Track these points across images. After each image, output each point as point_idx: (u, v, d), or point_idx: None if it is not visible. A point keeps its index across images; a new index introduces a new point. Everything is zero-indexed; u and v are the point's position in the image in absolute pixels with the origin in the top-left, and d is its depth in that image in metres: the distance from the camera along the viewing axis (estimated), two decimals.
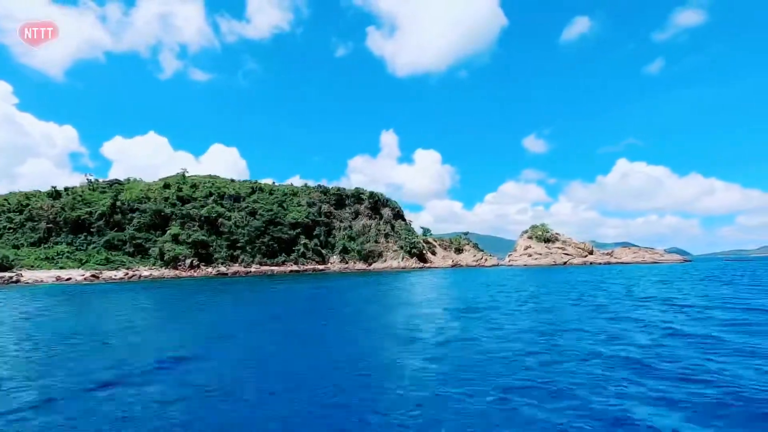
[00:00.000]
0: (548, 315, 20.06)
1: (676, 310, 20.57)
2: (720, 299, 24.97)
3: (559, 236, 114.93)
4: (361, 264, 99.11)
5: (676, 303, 23.47)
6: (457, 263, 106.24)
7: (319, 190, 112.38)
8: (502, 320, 18.52)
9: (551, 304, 24.61)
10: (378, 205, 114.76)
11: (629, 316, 19.15)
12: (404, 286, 43.45)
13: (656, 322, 17.16)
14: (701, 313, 19.24)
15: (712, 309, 20.63)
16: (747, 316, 17.85)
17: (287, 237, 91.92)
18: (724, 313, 19.37)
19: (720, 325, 16.03)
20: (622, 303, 24.28)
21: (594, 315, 19.68)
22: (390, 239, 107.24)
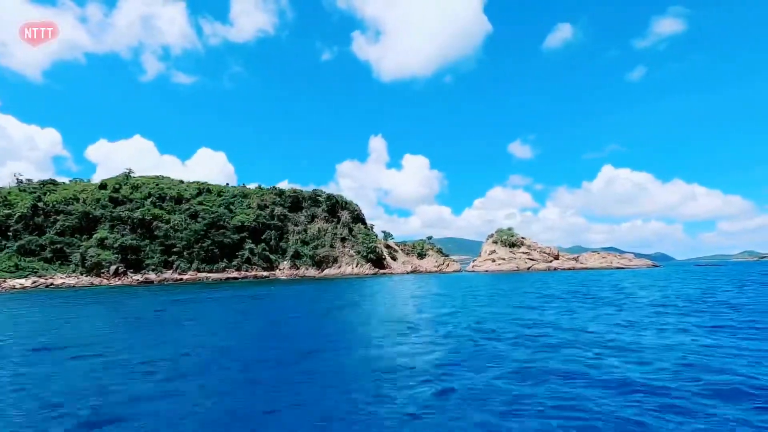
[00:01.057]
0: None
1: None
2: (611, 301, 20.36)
3: (525, 241, 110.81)
4: (314, 270, 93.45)
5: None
6: (416, 269, 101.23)
7: (273, 192, 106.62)
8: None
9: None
10: (336, 208, 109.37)
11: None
12: (324, 296, 38.10)
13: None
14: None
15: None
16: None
17: (230, 241, 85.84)
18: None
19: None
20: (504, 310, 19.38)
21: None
22: (347, 244, 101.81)
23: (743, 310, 22.29)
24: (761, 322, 18.03)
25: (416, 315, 23.07)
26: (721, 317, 19.83)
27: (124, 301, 37.11)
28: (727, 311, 22.01)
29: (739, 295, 30.59)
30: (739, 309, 22.53)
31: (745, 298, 28.96)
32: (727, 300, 27.45)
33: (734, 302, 25.95)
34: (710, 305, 24.90)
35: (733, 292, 33.53)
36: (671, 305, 25.20)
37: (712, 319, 19.42)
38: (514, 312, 23.34)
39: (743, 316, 19.99)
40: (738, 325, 17.15)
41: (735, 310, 22.30)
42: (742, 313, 21.09)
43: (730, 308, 23.02)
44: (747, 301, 26.84)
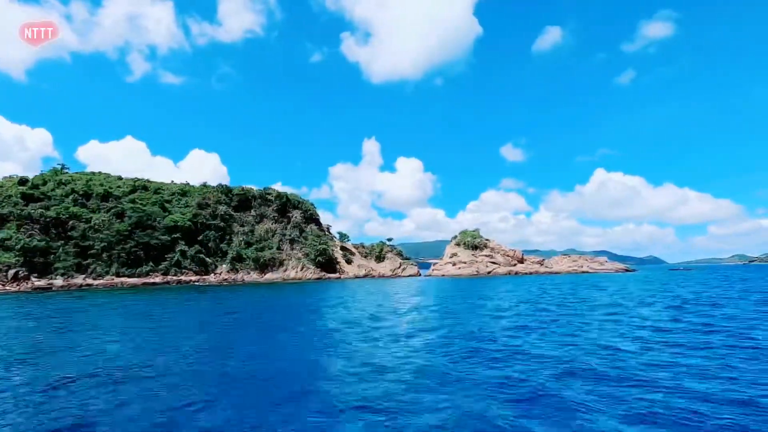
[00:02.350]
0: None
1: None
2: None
3: (489, 243, 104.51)
4: (255, 274, 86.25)
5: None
6: (369, 273, 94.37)
7: (219, 190, 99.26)
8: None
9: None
10: (287, 208, 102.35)
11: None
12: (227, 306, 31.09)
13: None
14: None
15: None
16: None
17: (158, 243, 78.32)
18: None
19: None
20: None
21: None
22: (295, 246, 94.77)
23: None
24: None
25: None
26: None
27: None
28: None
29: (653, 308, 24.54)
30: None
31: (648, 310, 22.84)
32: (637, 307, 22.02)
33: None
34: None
35: (652, 306, 27.43)
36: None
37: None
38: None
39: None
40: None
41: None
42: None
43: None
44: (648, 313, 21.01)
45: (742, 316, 22.85)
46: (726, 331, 18.28)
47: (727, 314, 23.69)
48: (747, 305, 28.07)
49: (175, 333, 20.66)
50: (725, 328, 18.92)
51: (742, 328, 18.69)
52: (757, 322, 20.60)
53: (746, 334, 17.46)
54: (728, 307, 27.08)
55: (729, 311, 25.06)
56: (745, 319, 21.42)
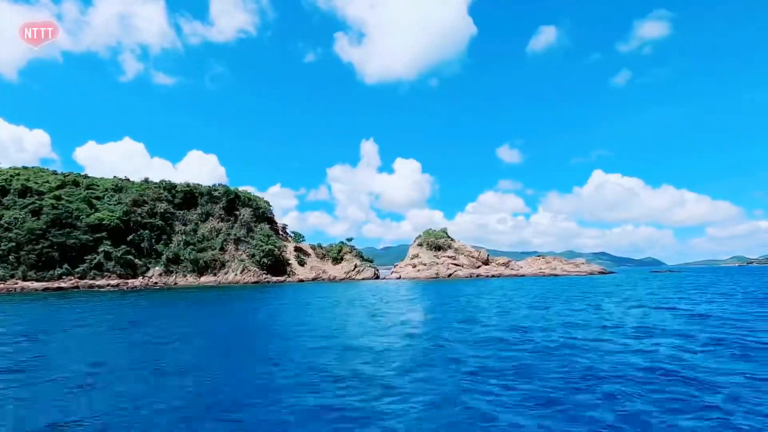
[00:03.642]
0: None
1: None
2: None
3: (453, 243, 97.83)
4: (192, 277, 79.05)
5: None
6: (318, 276, 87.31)
7: (161, 186, 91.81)
8: None
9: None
10: (236, 205, 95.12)
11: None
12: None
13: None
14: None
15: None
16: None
17: (77, 243, 70.86)
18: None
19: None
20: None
21: None
22: (241, 246, 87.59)
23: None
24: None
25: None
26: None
27: None
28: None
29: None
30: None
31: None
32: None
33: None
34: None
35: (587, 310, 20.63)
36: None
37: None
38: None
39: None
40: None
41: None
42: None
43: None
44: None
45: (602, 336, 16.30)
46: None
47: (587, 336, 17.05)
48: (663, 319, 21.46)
49: None
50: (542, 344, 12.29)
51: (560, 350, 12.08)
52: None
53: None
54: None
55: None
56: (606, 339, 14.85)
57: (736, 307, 28.06)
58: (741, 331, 18.70)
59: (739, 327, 19.74)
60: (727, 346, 15.60)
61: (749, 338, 16.85)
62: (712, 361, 13.46)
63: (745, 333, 18.05)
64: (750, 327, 19.69)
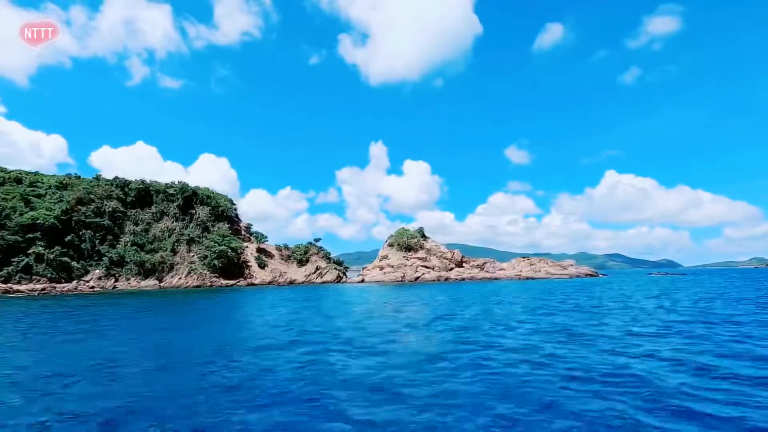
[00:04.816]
0: None
1: None
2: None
3: (425, 244, 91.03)
4: (137, 281, 73.56)
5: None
6: (275, 279, 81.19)
7: (113, 184, 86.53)
8: None
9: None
10: (193, 204, 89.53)
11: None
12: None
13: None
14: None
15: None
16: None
17: (3, 244, 65.65)
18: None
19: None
20: None
21: None
22: (194, 247, 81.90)
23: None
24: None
25: None
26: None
27: None
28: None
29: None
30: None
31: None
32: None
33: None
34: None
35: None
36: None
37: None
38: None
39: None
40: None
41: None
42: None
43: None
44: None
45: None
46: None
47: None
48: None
49: None
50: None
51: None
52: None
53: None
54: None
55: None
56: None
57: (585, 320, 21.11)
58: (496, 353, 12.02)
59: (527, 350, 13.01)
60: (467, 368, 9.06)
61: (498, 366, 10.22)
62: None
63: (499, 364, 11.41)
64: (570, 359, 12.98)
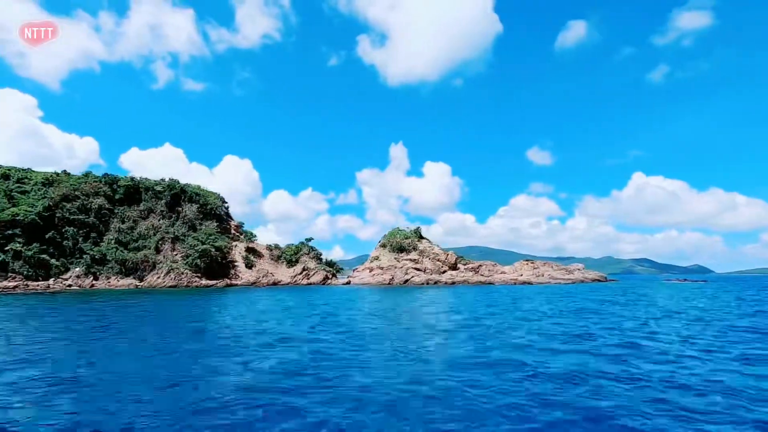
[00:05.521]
0: None
1: None
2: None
3: (419, 245, 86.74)
4: (117, 279, 72.02)
5: None
6: (258, 281, 78.42)
7: (102, 180, 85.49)
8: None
9: None
10: (181, 201, 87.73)
11: None
12: None
13: None
14: None
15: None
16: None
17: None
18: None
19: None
20: None
21: None
22: (179, 246, 79.99)
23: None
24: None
25: None
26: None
27: None
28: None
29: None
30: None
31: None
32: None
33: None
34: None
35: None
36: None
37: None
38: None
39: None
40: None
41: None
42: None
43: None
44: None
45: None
46: None
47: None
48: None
49: None
50: None
51: None
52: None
53: None
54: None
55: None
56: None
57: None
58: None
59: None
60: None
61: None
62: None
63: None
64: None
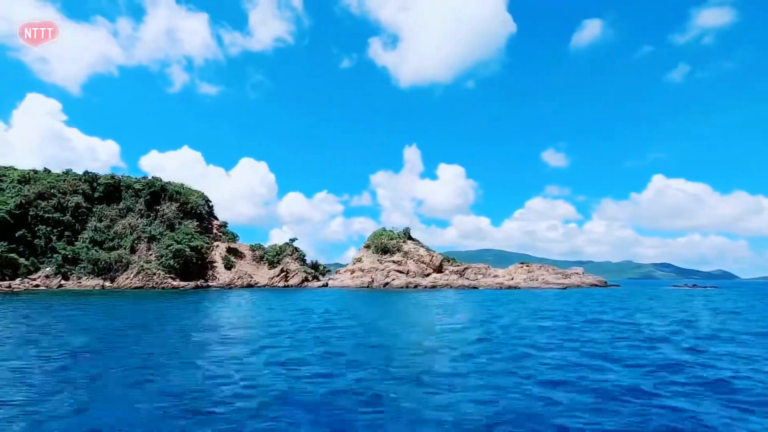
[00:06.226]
0: None
1: None
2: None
3: (404, 246, 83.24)
4: (89, 280, 70.20)
5: None
6: (232, 282, 75.86)
7: (81, 178, 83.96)
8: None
9: None
10: (161, 199, 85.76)
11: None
12: None
13: None
14: None
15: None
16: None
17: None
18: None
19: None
20: None
21: None
22: (154, 245, 77.94)
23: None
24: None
25: None
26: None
27: None
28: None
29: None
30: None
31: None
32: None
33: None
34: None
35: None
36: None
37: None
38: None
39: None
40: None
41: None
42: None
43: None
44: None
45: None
46: None
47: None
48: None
49: None
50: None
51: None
52: None
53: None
54: None
55: None
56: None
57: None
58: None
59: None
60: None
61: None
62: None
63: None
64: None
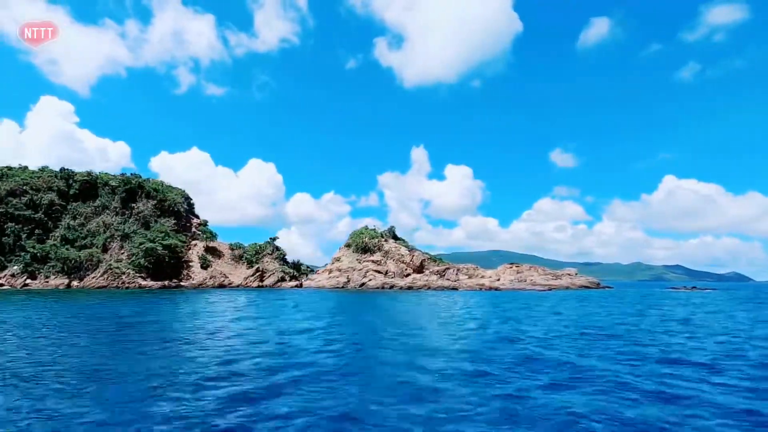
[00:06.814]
0: None
1: None
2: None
3: (385, 245, 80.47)
4: (58, 279, 68.52)
5: None
6: (203, 283, 73.67)
7: (56, 175, 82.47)
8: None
9: None
10: (138, 196, 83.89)
11: None
12: None
13: None
14: None
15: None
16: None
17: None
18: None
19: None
20: None
21: None
22: (127, 244, 76.08)
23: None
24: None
25: None
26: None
27: None
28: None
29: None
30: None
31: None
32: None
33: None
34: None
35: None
36: None
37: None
38: None
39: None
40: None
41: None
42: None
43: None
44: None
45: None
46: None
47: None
48: None
49: None
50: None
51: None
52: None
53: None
54: None
55: None
56: None
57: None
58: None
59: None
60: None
61: None
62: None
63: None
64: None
